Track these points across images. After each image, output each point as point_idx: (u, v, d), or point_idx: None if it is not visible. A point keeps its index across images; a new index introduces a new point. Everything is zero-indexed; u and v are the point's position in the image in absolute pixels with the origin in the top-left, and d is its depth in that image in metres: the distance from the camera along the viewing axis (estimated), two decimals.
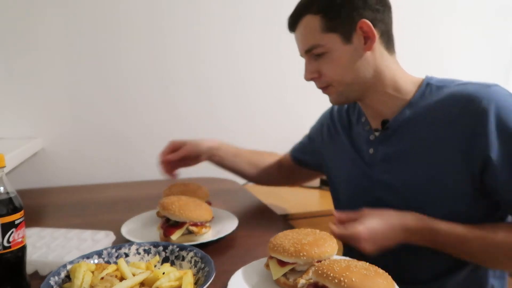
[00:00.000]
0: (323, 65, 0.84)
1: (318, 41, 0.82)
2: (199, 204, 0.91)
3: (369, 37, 0.81)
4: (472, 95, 0.74)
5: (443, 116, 0.77)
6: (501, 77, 2.07)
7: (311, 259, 0.64)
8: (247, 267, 0.70)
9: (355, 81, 0.84)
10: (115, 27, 1.51)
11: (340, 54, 0.82)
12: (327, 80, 0.85)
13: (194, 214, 0.87)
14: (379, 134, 0.88)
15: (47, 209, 1.22)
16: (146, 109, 1.59)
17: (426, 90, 0.83)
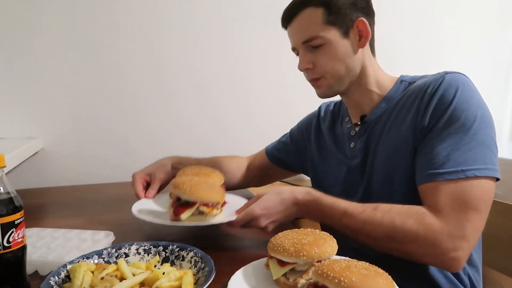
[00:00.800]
0: (319, 56, 0.89)
1: (318, 32, 0.87)
2: (211, 185, 0.90)
3: (364, 35, 0.89)
4: (427, 82, 0.82)
5: (408, 101, 0.85)
6: (501, 78, 2.07)
7: (311, 259, 0.64)
8: (247, 267, 0.70)
9: (346, 75, 0.90)
10: (115, 28, 1.51)
11: (337, 47, 0.87)
12: (320, 71, 0.90)
13: (205, 194, 0.85)
14: (358, 128, 0.96)
15: (47, 209, 1.22)
16: (145, 109, 1.59)
17: (400, 86, 0.91)
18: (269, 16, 1.66)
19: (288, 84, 1.72)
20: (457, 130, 0.75)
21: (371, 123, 0.92)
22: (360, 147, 0.94)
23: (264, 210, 0.82)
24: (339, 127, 1.04)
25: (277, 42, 1.68)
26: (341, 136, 1.02)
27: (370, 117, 0.93)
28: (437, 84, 0.80)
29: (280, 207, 0.83)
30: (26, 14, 1.42)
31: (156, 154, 1.61)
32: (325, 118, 1.11)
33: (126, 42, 1.53)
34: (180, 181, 0.87)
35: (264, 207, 0.82)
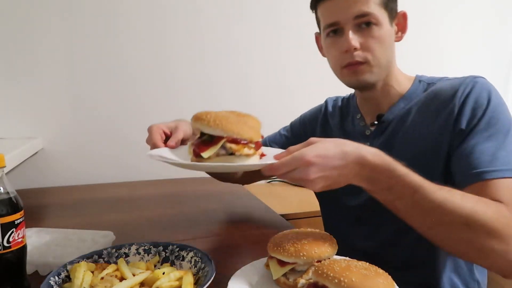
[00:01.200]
0: (368, 38, 0.82)
1: (373, 10, 0.81)
2: (244, 120, 0.71)
3: (402, 28, 0.88)
4: (454, 85, 0.81)
5: (431, 106, 0.83)
6: (501, 78, 2.07)
7: (311, 259, 0.64)
8: (247, 267, 0.70)
9: (385, 65, 0.86)
10: (115, 26, 1.51)
11: (386, 31, 0.84)
12: (366, 55, 0.83)
13: (234, 127, 0.66)
14: (374, 128, 0.92)
15: (47, 209, 1.22)
16: (146, 109, 1.59)
17: (419, 86, 0.90)
18: (271, 15, 1.66)
19: (290, 83, 1.72)
20: (498, 131, 0.74)
21: (389, 123, 0.89)
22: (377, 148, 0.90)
23: (319, 158, 0.62)
24: (350, 124, 0.99)
25: (280, 42, 1.68)
26: (352, 134, 0.96)
27: (388, 116, 0.90)
28: (468, 87, 0.79)
29: (339, 161, 0.64)
30: (26, 14, 1.42)
31: None
32: (333, 114, 1.06)
33: (127, 41, 1.53)
34: (204, 112, 0.69)
35: (319, 155, 0.62)
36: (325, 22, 0.86)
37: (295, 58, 1.71)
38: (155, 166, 1.59)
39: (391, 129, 0.88)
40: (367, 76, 0.85)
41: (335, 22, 0.83)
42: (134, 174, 1.58)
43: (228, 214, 1.06)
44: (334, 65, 0.89)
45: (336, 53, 0.86)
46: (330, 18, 0.84)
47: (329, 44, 0.88)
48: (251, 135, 0.67)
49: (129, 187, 1.48)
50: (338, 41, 0.85)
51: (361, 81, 0.86)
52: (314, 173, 0.62)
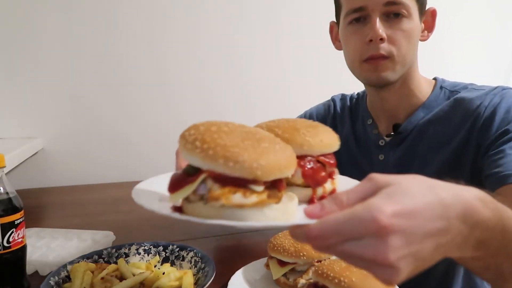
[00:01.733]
0: (396, 30, 0.74)
1: (406, 0, 0.73)
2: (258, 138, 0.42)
3: (429, 27, 0.80)
4: (480, 97, 0.75)
5: (456, 115, 0.77)
6: (501, 80, 2.07)
7: (311, 259, 0.64)
8: (247, 267, 0.70)
9: (408, 62, 0.77)
10: (115, 27, 1.51)
11: (414, 25, 0.75)
12: (391, 49, 0.74)
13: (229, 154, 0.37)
14: (390, 139, 0.84)
15: (47, 209, 1.22)
16: (146, 109, 1.58)
17: (440, 94, 0.82)
18: (271, 15, 1.66)
19: (289, 84, 1.71)
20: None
21: (407, 134, 0.81)
22: (394, 162, 0.82)
23: (402, 220, 0.32)
24: (361, 130, 0.91)
25: (279, 42, 1.68)
26: (364, 143, 0.89)
27: (406, 127, 0.81)
28: (497, 97, 0.74)
29: (439, 220, 0.34)
30: (26, 14, 1.42)
31: (156, 154, 1.61)
32: (343, 117, 0.96)
33: (127, 41, 1.53)
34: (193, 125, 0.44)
35: (401, 213, 0.33)
36: (349, 6, 0.76)
37: (295, 58, 1.71)
38: (155, 166, 1.59)
39: (410, 141, 0.81)
40: (389, 73, 0.76)
41: (362, 7, 0.74)
42: (134, 174, 1.58)
43: None
44: (352, 58, 0.80)
45: (358, 44, 0.76)
46: (356, 2, 0.74)
47: (350, 33, 0.78)
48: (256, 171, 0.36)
49: (129, 187, 1.47)
50: (361, 30, 0.75)
51: (381, 79, 0.77)
52: (397, 249, 0.32)
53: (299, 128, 0.46)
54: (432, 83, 0.85)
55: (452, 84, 0.84)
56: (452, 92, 0.81)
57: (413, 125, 0.81)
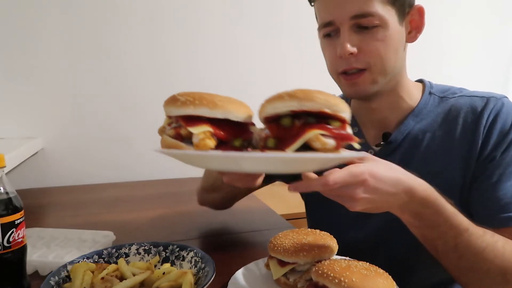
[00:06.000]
0: (369, 40, 0.69)
1: (376, 9, 0.68)
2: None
3: (417, 27, 0.75)
4: (482, 107, 0.72)
5: (452, 130, 0.74)
6: (500, 81, 2.07)
7: (311, 259, 0.64)
8: (247, 267, 0.70)
9: (392, 72, 0.73)
10: (115, 27, 1.51)
11: (392, 33, 0.70)
12: (367, 60, 0.70)
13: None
14: (379, 149, 0.80)
15: (47, 209, 1.22)
16: (146, 109, 1.58)
17: (430, 100, 0.79)
18: (270, 15, 1.66)
19: (289, 84, 1.71)
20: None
21: (398, 144, 0.78)
22: None
23: (373, 179, 0.53)
24: None
25: (279, 42, 1.68)
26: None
27: (396, 136, 0.78)
28: (494, 110, 0.71)
29: (390, 187, 0.56)
30: (26, 14, 1.42)
31: (156, 154, 1.61)
32: None
33: (126, 41, 1.53)
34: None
35: (374, 175, 0.54)
36: (320, 21, 0.75)
37: (294, 58, 1.71)
38: (155, 166, 1.59)
39: (402, 152, 0.77)
40: (367, 87, 0.72)
41: (330, 22, 0.71)
42: (134, 174, 1.58)
43: (228, 214, 1.06)
44: (330, 70, 0.79)
45: (332, 57, 0.75)
46: (325, 17, 0.72)
47: (325, 46, 0.76)
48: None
49: (129, 187, 1.48)
50: (334, 43, 0.73)
51: (360, 93, 0.74)
52: (363, 192, 0.54)
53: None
54: (419, 88, 0.81)
55: (440, 89, 0.80)
56: (442, 99, 0.78)
57: (403, 134, 0.78)
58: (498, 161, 0.70)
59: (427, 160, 0.75)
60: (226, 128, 0.53)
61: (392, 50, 0.71)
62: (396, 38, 0.71)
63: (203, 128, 0.50)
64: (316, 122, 0.48)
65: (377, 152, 0.80)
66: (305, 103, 0.48)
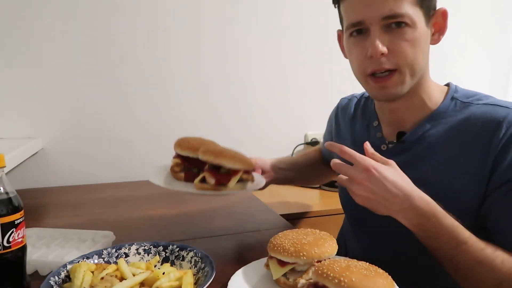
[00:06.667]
0: (398, 40, 0.70)
1: (407, 10, 0.68)
2: (239, 152, 0.86)
3: (440, 29, 0.76)
4: (500, 119, 0.69)
5: (467, 137, 0.72)
6: (501, 82, 2.07)
7: (311, 259, 0.64)
8: (247, 267, 0.70)
9: (419, 73, 0.73)
10: (115, 27, 1.51)
11: (421, 33, 0.71)
12: (397, 61, 0.71)
13: (247, 162, 0.82)
14: (392, 146, 0.81)
15: (47, 209, 1.22)
16: (146, 109, 1.58)
17: (451, 105, 0.77)
18: (270, 16, 1.66)
19: (288, 84, 1.71)
20: None
21: (411, 145, 0.78)
22: None
23: (377, 173, 0.62)
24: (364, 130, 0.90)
25: (278, 42, 1.68)
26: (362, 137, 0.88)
27: (410, 137, 0.78)
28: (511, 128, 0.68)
29: (393, 187, 0.62)
30: (26, 14, 1.42)
31: (156, 154, 1.61)
32: (347, 107, 0.98)
33: (126, 41, 1.53)
34: (219, 150, 0.82)
35: (379, 171, 0.63)
36: (348, 20, 0.74)
37: (295, 60, 1.71)
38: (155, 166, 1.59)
39: (413, 153, 0.78)
40: (398, 88, 0.73)
41: (360, 22, 0.71)
42: (134, 174, 1.58)
43: (228, 214, 1.06)
44: (357, 71, 0.78)
45: (360, 57, 0.74)
46: (354, 17, 0.72)
47: (352, 46, 0.76)
48: (253, 165, 0.87)
49: (129, 187, 1.48)
50: (362, 43, 0.73)
51: (389, 96, 0.75)
52: (366, 180, 0.63)
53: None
54: (444, 91, 0.80)
55: (465, 94, 0.78)
56: (464, 103, 0.76)
57: (417, 135, 0.78)
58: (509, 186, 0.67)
59: (440, 165, 0.74)
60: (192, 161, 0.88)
61: (420, 51, 0.71)
62: (424, 39, 0.72)
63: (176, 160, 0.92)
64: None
65: (389, 148, 0.82)
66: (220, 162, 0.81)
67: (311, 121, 1.17)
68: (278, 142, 1.74)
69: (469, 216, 0.69)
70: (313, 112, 1.15)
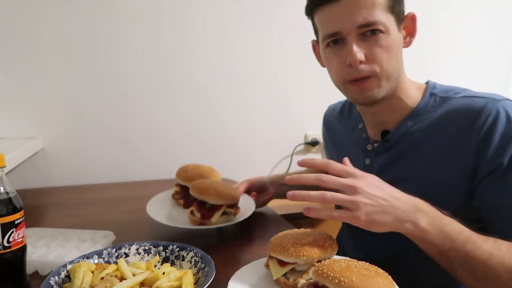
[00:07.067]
0: (374, 47, 0.72)
1: (380, 17, 0.71)
2: (227, 186, 0.95)
3: (411, 33, 0.78)
4: (479, 109, 0.70)
5: (448, 130, 0.74)
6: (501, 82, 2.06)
7: (311, 259, 0.64)
8: (247, 267, 0.70)
9: (394, 76, 0.76)
10: (114, 28, 1.51)
11: (394, 39, 0.74)
12: (374, 67, 0.73)
13: (230, 196, 0.91)
14: (377, 145, 0.84)
15: (47, 209, 1.22)
16: (146, 109, 1.59)
17: (430, 101, 0.79)
18: (269, 17, 1.66)
19: (287, 85, 1.71)
20: None
21: (394, 143, 0.81)
22: (378, 168, 0.83)
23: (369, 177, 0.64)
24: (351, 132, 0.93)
25: (278, 44, 1.68)
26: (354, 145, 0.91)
27: (393, 135, 0.81)
28: (491, 115, 0.69)
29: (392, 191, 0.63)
30: (26, 14, 1.42)
31: (156, 154, 1.61)
32: (334, 109, 1.05)
33: (126, 42, 1.53)
34: (203, 186, 0.91)
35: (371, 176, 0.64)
36: (324, 31, 0.76)
37: (293, 61, 1.71)
38: (155, 166, 1.59)
39: (397, 150, 0.80)
40: (375, 92, 0.75)
41: (336, 32, 0.74)
42: (134, 174, 1.58)
43: None
44: (336, 79, 0.81)
45: (339, 66, 0.76)
46: (330, 28, 0.75)
47: (330, 55, 0.78)
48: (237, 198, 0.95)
49: (129, 187, 1.48)
50: (340, 52, 0.75)
51: (368, 98, 0.77)
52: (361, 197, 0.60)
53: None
54: (422, 88, 0.83)
55: (444, 89, 0.80)
56: (443, 98, 0.78)
57: (400, 133, 0.80)
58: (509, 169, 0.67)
59: (424, 160, 0.76)
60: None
61: (394, 55, 0.74)
62: (397, 44, 0.75)
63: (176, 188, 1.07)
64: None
65: (375, 148, 0.85)
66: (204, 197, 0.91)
67: (311, 121, 1.16)
68: (278, 142, 1.74)
69: (460, 210, 0.70)
70: (313, 112, 1.15)
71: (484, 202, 0.70)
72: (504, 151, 0.67)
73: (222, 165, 1.68)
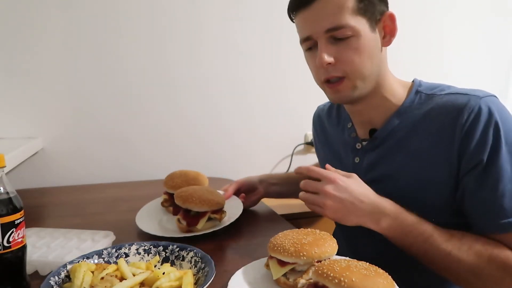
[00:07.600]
0: (344, 50, 0.75)
1: (347, 21, 0.73)
2: (211, 191, 0.96)
3: (389, 32, 0.79)
4: (462, 106, 0.72)
5: (432, 127, 0.75)
6: (501, 82, 2.06)
7: (311, 259, 0.64)
8: (247, 267, 0.70)
9: (370, 76, 0.78)
10: (115, 27, 1.51)
11: (366, 41, 0.75)
12: (343, 68, 0.76)
13: (213, 202, 0.91)
14: (366, 143, 0.86)
15: (47, 209, 1.22)
16: (146, 109, 1.59)
17: (416, 98, 0.81)
18: (271, 16, 1.66)
19: (288, 85, 1.72)
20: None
21: (382, 140, 0.83)
22: (366, 166, 0.85)
23: (340, 181, 0.72)
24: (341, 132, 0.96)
25: (279, 43, 1.68)
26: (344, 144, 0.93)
27: (381, 133, 0.83)
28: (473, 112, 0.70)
29: (361, 194, 0.72)
30: (26, 14, 1.42)
31: (156, 154, 1.61)
32: (323, 109, 1.07)
33: (127, 41, 1.53)
34: (187, 194, 0.92)
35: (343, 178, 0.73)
36: (299, 36, 0.81)
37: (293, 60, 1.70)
38: (155, 166, 1.59)
39: (385, 148, 0.82)
40: (349, 92, 0.78)
41: (308, 37, 0.78)
42: (134, 174, 1.58)
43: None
44: (315, 79, 0.85)
45: (314, 68, 0.81)
46: (303, 32, 0.79)
47: (308, 58, 0.84)
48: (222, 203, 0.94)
49: (129, 187, 1.48)
50: (314, 54, 0.79)
51: (343, 99, 0.81)
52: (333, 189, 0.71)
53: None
54: (407, 86, 0.84)
55: (429, 87, 0.82)
56: (428, 96, 0.80)
57: (387, 131, 0.82)
58: (488, 166, 0.69)
59: (411, 156, 0.78)
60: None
61: (367, 57, 0.76)
62: (370, 45, 0.76)
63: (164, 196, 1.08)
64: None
65: (363, 146, 0.87)
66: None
67: (311, 121, 1.17)
68: (278, 142, 1.74)
69: (448, 205, 0.74)
70: (313, 112, 1.15)
71: (466, 197, 0.72)
72: (484, 148, 0.69)
73: (222, 165, 1.69)
